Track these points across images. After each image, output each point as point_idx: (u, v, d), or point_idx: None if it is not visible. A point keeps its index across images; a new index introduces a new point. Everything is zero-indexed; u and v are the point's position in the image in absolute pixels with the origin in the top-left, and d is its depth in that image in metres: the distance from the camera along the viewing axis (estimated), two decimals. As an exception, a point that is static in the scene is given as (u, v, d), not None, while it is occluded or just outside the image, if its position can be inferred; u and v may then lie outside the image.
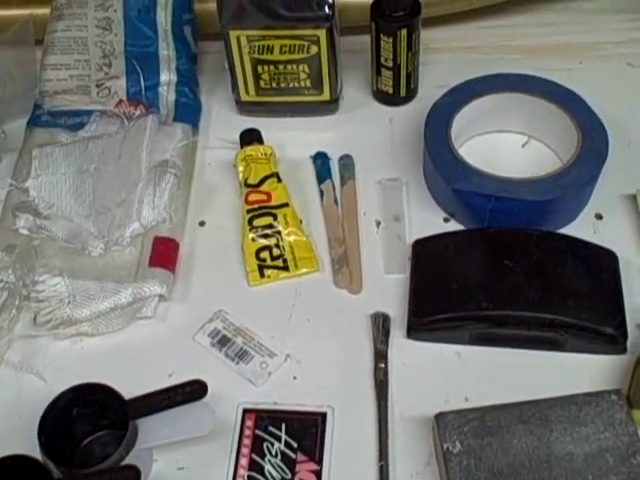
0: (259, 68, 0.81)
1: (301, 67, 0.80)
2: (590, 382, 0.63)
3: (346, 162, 0.80)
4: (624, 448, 0.56)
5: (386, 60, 0.81)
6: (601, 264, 0.68)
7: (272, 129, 0.83)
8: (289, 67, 0.81)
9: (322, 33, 0.77)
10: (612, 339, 0.64)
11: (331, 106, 0.85)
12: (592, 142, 0.73)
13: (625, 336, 0.64)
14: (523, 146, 0.81)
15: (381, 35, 0.79)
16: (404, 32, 0.78)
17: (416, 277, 0.69)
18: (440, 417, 0.59)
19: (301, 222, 0.76)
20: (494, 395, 0.61)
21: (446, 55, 0.90)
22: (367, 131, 0.84)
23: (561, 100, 0.76)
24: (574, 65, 0.87)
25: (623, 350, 0.65)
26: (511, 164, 0.76)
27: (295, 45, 0.79)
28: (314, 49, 0.79)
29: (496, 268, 0.66)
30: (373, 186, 0.79)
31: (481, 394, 0.63)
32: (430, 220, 0.75)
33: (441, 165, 0.73)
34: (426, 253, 0.70)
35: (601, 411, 0.58)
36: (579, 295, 0.65)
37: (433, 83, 0.85)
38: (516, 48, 0.90)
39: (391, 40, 0.79)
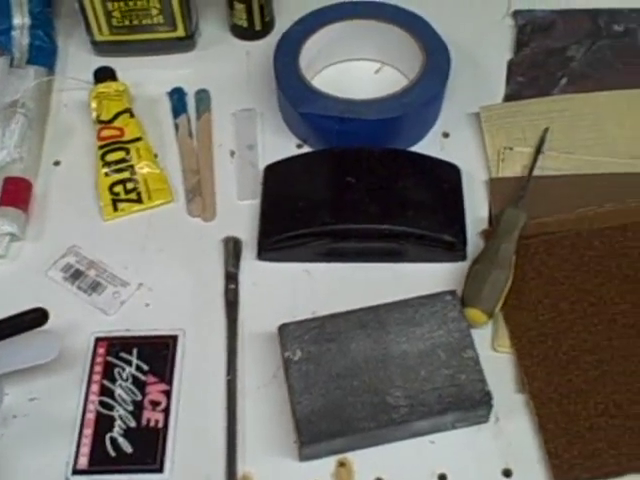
0: (109, 5, 0.80)
1: (151, 3, 0.80)
2: (433, 289, 0.64)
3: (202, 96, 0.80)
4: (455, 344, 0.59)
5: (237, -8, 0.81)
6: (443, 177, 0.70)
7: (130, 68, 0.82)
8: (139, 3, 0.80)
9: (168, -34, 0.77)
10: (450, 246, 0.66)
11: (187, 42, 0.84)
12: (435, 62, 0.74)
13: (464, 243, 0.67)
14: (376, 72, 0.82)
15: (230, -33, 0.79)
16: (252, -37, 0.79)
17: (266, 200, 0.70)
18: (282, 328, 0.61)
19: (156, 156, 0.76)
20: (341, 308, 0.62)
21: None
22: (224, 66, 0.84)
23: (406, 24, 0.77)
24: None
25: (463, 257, 0.67)
26: (365, 91, 0.77)
27: (143, -20, 0.78)
28: (162, -17, 0.78)
29: (339, 185, 0.68)
30: (229, 118, 0.79)
31: (328, 308, 0.63)
32: (284, 147, 0.76)
33: (289, 91, 0.74)
34: (276, 177, 0.71)
35: (436, 311, 0.61)
36: (419, 206, 0.67)
37: (290, 17, 0.84)
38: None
39: (240, -28, 0.79)
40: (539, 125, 0.74)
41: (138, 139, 0.76)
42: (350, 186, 0.67)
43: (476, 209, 0.71)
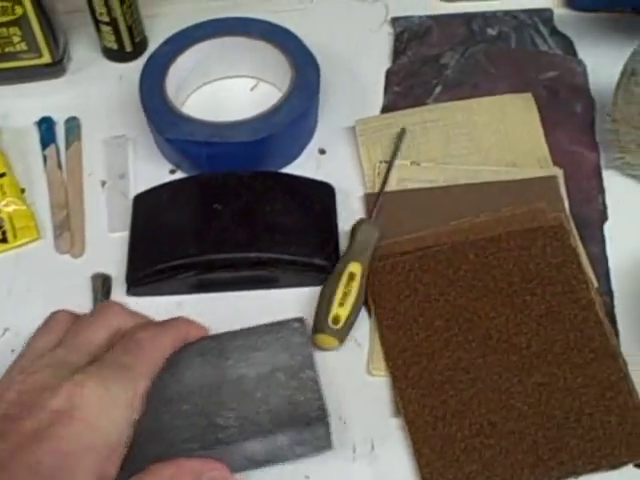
0: (-33, 35, 0.77)
1: (12, 30, 0.77)
2: (305, 313, 0.63)
3: (71, 124, 0.78)
4: (297, 366, 0.57)
5: (101, 15, 0.78)
6: (315, 198, 0.68)
7: (-3, 98, 0.79)
8: (-1, 31, 0.77)
9: (23, -8, 0.74)
10: (321, 269, 0.64)
11: (56, 68, 0.81)
12: (304, 78, 0.72)
13: (335, 266, 0.65)
14: (252, 90, 0.80)
15: (90, -11, 0.77)
16: (115, -16, 0.76)
17: (134, 232, 0.67)
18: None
19: (23, 191, 0.73)
20: (213, 340, 0.61)
21: (177, 6, 0.87)
22: (97, 91, 0.81)
23: (275, 39, 0.75)
24: (305, 5, 0.87)
25: (337, 279, 0.65)
26: (241, 109, 0.75)
27: (-1, 7, 0.75)
28: (19, 10, 0.75)
29: (206, 214, 0.65)
30: (100, 146, 0.77)
31: (201, 341, 0.62)
32: (157, 174, 0.74)
33: (154, 116, 0.71)
34: (144, 207, 0.69)
35: (280, 337, 0.59)
36: (289, 230, 0.65)
37: (165, 36, 0.82)
38: (248, -8, 0.88)
39: (100, -7, 0.76)
40: (415, 136, 0.73)
41: (2, 175, 0.72)
42: (216, 214, 0.65)
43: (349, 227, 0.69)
